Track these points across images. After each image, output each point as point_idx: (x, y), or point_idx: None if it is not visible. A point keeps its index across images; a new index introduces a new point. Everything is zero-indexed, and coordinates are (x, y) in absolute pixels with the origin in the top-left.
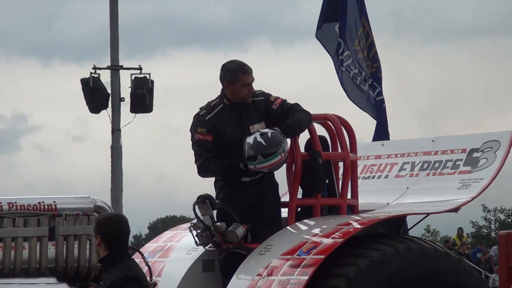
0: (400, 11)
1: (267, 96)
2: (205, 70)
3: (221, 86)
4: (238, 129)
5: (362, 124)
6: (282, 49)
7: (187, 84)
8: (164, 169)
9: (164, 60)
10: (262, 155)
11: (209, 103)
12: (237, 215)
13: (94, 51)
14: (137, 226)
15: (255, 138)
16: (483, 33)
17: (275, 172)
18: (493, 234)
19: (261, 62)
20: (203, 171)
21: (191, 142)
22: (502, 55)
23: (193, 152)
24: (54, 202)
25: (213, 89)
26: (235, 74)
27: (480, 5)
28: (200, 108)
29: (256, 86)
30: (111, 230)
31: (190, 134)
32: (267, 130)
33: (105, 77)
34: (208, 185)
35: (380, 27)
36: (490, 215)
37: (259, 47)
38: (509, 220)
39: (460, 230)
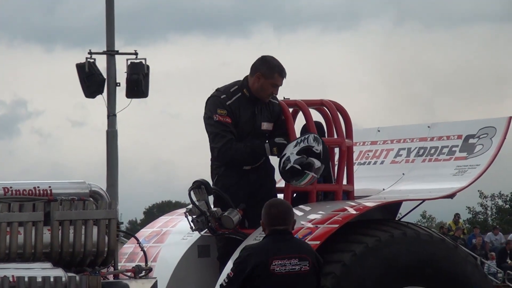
0: None
1: (279, 105)
2: (206, 56)
3: (224, 74)
4: (251, 121)
5: (358, 110)
6: (284, 35)
7: (188, 71)
8: (161, 155)
9: (166, 46)
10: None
11: (227, 88)
12: (237, 202)
13: (95, 37)
14: (133, 211)
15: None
16: (483, 20)
17: (271, 157)
18: (489, 220)
19: (263, 48)
20: (223, 153)
21: (206, 124)
22: (502, 41)
23: (209, 133)
24: (50, 187)
25: (214, 75)
26: (273, 71)
27: None
28: (217, 90)
29: None
30: None
31: (190, 120)
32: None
33: (102, 63)
34: (206, 171)
35: (381, 14)
36: (486, 201)
37: (261, 33)
38: (507, 206)
39: (457, 216)
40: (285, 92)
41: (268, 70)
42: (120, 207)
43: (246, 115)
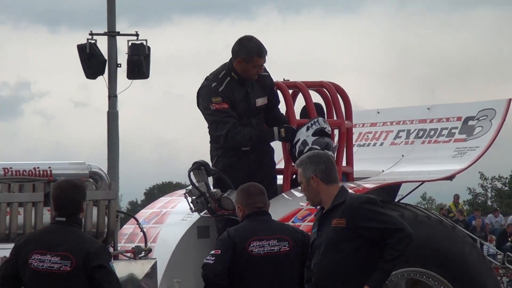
0: None
1: (269, 75)
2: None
3: (228, 55)
4: (245, 100)
5: (358, 91)
6: (289, 16)
7: (192, 52)
8: (163, 136)
9: (171, 28)
10: None
11: (216, 75)
12: (237, 182)
13: (98, 19)
14: (133, 192)
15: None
16: (487, 4)
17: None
18: (489, 202)
19: (268, 30)
20: (231, 138)
21: (204, 114)
22: (505, 26)
23: (210, 122)
24: (50, 167)
25: (218, 57)
26: (251, 55)
27: None
28: (206, 79)
29: None
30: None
31: (194, 101)
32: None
33: (103, 44)
34: (208, 152)
35: None
36: (487, 183)
37: (266, 15)
38: (506, 188)
39: (456, 197)
40: (287, 72)
41: (247, 54)
42: (121, 188)
43: (240, 96)
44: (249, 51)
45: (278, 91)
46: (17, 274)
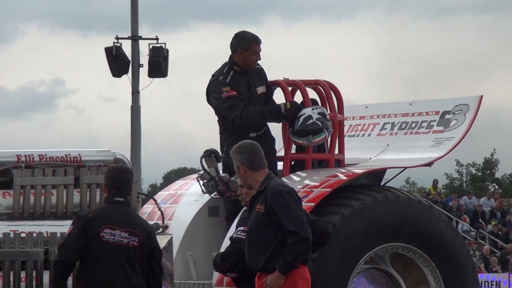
0: None
1: (262, 69)
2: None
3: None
4: (249, 89)
5: (350, 88)
6: (290, 23)
7: (206, 54)
8: (179, 127)
9: (187, 33)
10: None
11: (221, 70)
12: None
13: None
14: (153, 176)
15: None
16: (464, 12)
17: (271, 129)
18: (464, 186)
19: (272, 35)
20: (244, 117)
21: (216, 105)
22: (480, 30)
23: (223, 109)
24: (79, 154)
25: (227, 58)
26: (249, 43)
27: None
28: (213, 76)
29: (268, 54)
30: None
31: (206, 96)
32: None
33: (127, 47)
34: (218, 141)
35: (374, 6)
36: (462, 168)
37: (270, 22)
38: (479, 174)
39: (435, 181)
40: (287, 71)
41: (245, 43)
42: (142, 172)
43: (244, 86)
44: (247, 40)
45: (279, 88)
46: (83, 246)
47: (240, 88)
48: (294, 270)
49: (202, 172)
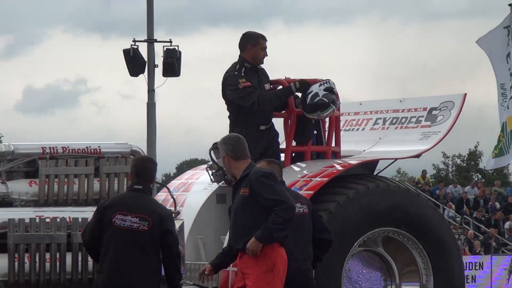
0: None
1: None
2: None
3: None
4: (259, 86)
5: (345, 87)
6: (293, 28)
7: (216, 55)
8: (191, 122)
9: (199, 36)
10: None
11: (233, 67)
12: (253, 158)
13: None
14: (167, 166)
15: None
16: (451, 17)
17: (275, 123)
18: (450, 176)
19: (276, 38)
20: (262, 101)
21: (234, 96)
22: (465, 34)
23: (240, 99)
24: (99, 146)
25: (235, 59)
26: (257, 39)
27: None
28: (228, 72)
29: (272, 55)
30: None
31: (217, 94)
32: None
33: (143, 49)
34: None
35: (370, 11)
36: (448, 160)
37: (274, 26)
38: (464, 164)
39: (424, 172)
40: (289, 71)
41: (254, 39)
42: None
43: (255, 82)
44: (256, 37)
45: (281, 86)
46: (101, 232)
47: (252, 82)
48: (274, 251)
49: (211, 163)
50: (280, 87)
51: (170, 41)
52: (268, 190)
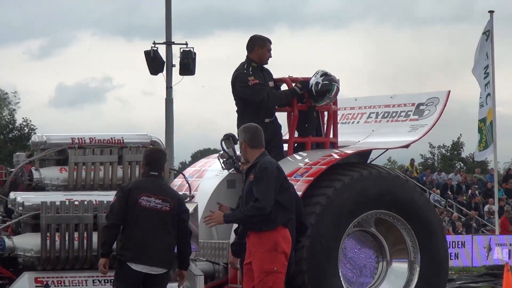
0: (378, 4)
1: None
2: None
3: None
4: (264, 83)
5: (342, 84)
6: (296, 32)
7: (228, 56)
8: (205, 116)
9: (213, 39)
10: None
11: (242, 67)
12: None
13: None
14: (183, 155)
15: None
16: (439, 22)
17: (278, 117)
18: (435, 164)
19: (281, 41)
20: (271, 98)
21: (245, 93)
22: (452, 38)
23: (250, 95)
24: (122, 137)
25: (243, 58)
26: (264, 41)
27: (437, 1)
28: (237, 70)
29: (277, 56)
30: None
31: (228, 92)
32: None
33: (162, 51)
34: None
35: (365, 17)
36: (434, 150)
37: (279, 30)
38: (448, 154)
39: (412, 160)
40: (292, 70)
41: (261, 41)
42: (174, 152)
43: (261, 79)
44: (263, 39)
45: (285, 84)
46: (125, 212)
47: (259, 80)
48: (277, 231)
49: (222, 152)
50: (284, 84)
51: (186, 44)
52: (258, 184)
